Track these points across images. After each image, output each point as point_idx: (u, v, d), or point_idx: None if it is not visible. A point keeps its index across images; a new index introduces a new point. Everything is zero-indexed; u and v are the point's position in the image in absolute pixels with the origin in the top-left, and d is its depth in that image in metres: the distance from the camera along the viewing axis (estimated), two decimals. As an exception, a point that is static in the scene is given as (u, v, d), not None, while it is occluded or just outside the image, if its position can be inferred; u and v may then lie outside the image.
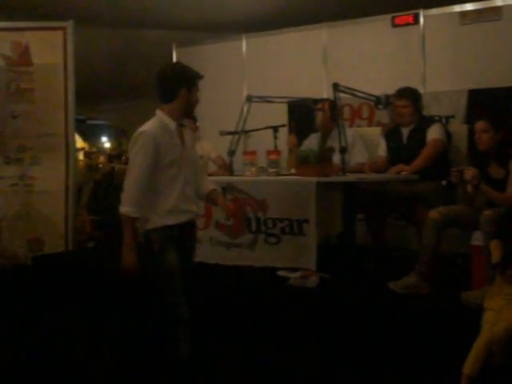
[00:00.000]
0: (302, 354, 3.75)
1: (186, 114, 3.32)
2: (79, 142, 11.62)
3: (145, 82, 9.42)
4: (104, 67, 8.80)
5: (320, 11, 6.65)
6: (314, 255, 4.25)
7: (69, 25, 6.20)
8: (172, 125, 3.15)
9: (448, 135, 4.91)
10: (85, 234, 7.00)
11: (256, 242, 4.58)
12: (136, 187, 3.05)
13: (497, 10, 5.50)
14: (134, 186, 3.06)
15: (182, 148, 3.19)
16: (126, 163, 11.07)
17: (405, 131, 5.00)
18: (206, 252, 4.78)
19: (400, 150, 4.97)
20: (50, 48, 6.23)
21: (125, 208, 3.03)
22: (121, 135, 15.89)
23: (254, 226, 4.58)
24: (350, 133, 5.05)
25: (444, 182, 4.33)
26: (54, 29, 6.22)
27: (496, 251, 3.27)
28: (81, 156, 12.17)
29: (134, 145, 3.11)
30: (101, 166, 11.79)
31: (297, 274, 4.36)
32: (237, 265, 4.65)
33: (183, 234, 3.24)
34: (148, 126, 3.12)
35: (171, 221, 3.15)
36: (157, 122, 3.15)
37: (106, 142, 19.28)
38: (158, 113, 3.19)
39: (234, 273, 4.62)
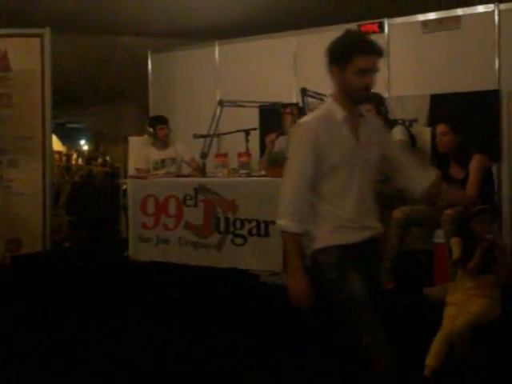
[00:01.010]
0: (276, 349, 3.73)
1: (355, 100, 2.40)
2: (58, 145, 11.48)
3: (120, 86, 9.50)
4: (81, 73, 8.75)
5: (290, 19, 6.66)
6: (280, 257, 4.15)
7: (46, 32, 6.14)
8: (340, 114, 2.35)
9: (412, 138, 4.94)
10: (62, 234, 6.93)
11: (223, 243, 4.55)
12: (294, 194, 2.31)
13: (457, 20, 5.55)
14: (291, 192, 2.31)
15: (355, 144, 2.36)
16: (103, 165, 11.00)
17: (371, 134, 5.02)
18: (174, 252, 4.78)
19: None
20: (28, 54, 6.17)
21: (282, 221, 2.31)
22: (98, 138, 15.79)
23: (222, 227, 4.55)
24: None
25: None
26: (32, 35, 6.17)
27: (456, 248, 3.31)
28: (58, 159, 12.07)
29: (292, 141, 2.51)
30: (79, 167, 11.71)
31: (267, 272, 4.34)
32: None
33: (364, 254, 2.41)
34: (310, 117, 2.40)
35: (346, 239, 2.35)
36: (322, 111, 2.41)
37: (84, 145, 19.12)
38: (328, 99, 2.44)
39: (208, 270, 4.59)
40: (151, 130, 5.90)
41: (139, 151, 6.09)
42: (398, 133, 4.84)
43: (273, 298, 4.03)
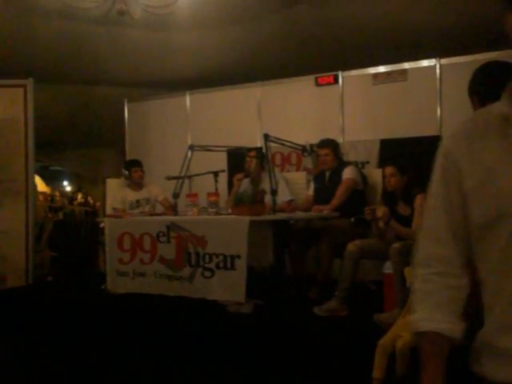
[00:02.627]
0: (239, 373, 3.79)
1: None
2: (42, 186, 11.47)
3: (99, 132, 9.56)
4: (62, 119, 8.79)
5: (254, 71, 6.83)
6: (243, 289, 4.23)
7: (29, 82, 6.19)
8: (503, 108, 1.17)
9: (364, 178, 5.09)
10: (45, 269, 6.91)
11: (194, 275, 4.59)
12: (428, 255, 1.30)
13: (403, 73, 5.79)
14: (424, 252, 1.31)
15: None
16: (84, 204, 10.95)
17: (327, 174, 5.17)
18: (151, 284, 4.82)
19: (322, 190, 5.14)
20: (11, 103, 6.21)
21: (417, 317, 1.30)
22: (79, 180, 15.74)
23: (193, 260, 4.59)
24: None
25: (352, 219, 4.44)
26: (16, 86, 6.20)
27: (409, 276, 3.43)
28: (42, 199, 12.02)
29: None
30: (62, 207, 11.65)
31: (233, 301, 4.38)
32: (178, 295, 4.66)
33: None
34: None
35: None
36: (475, 114, 1.36)
37: (67, 186, 19.04)
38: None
39: (178, 301, 4.64)
40: (126, 172, 5.99)
41: (116, 192, 6.15)
42: (347, 172, 4.99)
43: (238, 326, 4.12)
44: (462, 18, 5.64)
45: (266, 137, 4.78)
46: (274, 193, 4.56)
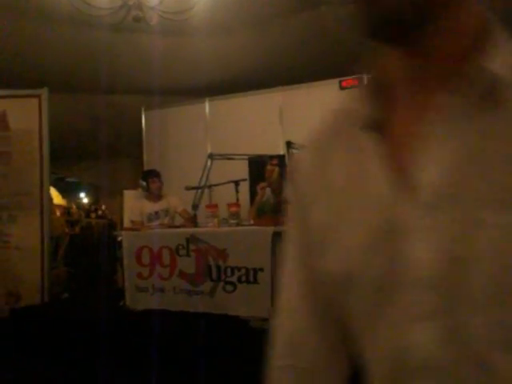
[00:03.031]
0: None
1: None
2: (58, 199, 11.45)
3: (115, 142, 9.52)
4: (78, 130, 8.77)
5: (275, 76, 6.74)
6: (268, 303, 4.09)
7: (44, 92, 6.14)
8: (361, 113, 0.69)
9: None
10: (61, 285, 6.82)
11: (215, 290, 4.49)
12: (283, 340, 0.84)
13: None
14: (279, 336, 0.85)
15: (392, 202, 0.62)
16: (101, 217, 10.94)
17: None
18: (170, 300, 4.73)
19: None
20: (26, 114, 6.17)
21: None
22: (96, 192, 15.76)
23: (214, 274, 4.50)
24: None
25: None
26: (30, 96, 6.16)
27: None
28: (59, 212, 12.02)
29: None
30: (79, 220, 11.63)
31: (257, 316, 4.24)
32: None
33: None
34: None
35: None
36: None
37: (84, 198, 19.09)
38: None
39: (199, 315, 4.52)
40: (144, 183, 5.89)
41: (133, 204, 6.09)
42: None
43: (262, 342, 3.94)
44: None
45: (289, 144, 4.67)
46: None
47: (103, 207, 14.68)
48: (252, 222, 4.71)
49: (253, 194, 5.81)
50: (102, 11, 5.70)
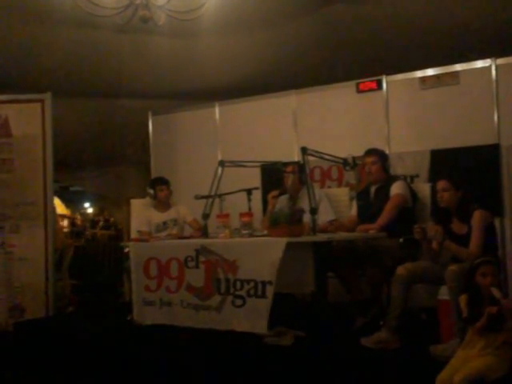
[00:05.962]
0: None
1: None
2: (62, 208, 11.60)
3: (122, 148, 9.63)
4: (82, 136, 8.86)
5: (289, 78, 6.80)
6: (266, 318, 4.14)
7: (47, 97, 6.25)
8: None
9: (413, 193, 4.99)
10: (65, 299, 6.94)
11: (223, 304, 4.50)
12: None
13: (455, 75, 5.68)
14: None
15: None
16: (106, 228, 11.09)
17: (372, 190, 5.09)
18: (177, 315, 4.77)
19: (367, 207, 5.05)
20: (28, 119, 6.27)
21: None
22: (101, 201, 15.88)
23: (223, 288, 4.51)
24: (316, 192, 5.06)
25: (401, 240, 4.36)
26: (33, 101, 6.27)
27: (464, 305, 3.33)
28: (65, 223, 12.15)
29: None
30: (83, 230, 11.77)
31: (271, 332, 4.27)
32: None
33: None
34: None
35: None
36: None
37: (88, 208, 19.23)
38: None
39: (211, 330, 4.56)
40: (152, 191, 5.93)
41: (141, 213, 6.12)
42: (396, 187, 4.90)
43: (277, 359, 4.04)
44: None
45: (304, 150, 4.72)
46: (313, 211, 4.48)
47: (109, 217, 14.82)
48: (265, 232, 4.76)
49: (265, 202, 5.87)
50: (108, 11, 5.79)
